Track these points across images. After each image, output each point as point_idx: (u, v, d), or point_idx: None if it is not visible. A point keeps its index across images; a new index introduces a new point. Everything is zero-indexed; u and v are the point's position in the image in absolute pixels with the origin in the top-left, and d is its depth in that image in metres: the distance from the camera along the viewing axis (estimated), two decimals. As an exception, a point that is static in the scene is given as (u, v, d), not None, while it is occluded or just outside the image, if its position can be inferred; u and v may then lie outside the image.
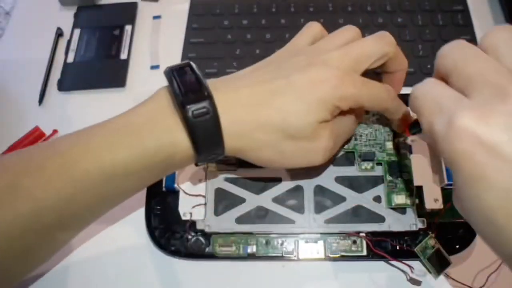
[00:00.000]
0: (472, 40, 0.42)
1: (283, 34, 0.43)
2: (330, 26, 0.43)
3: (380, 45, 0.28)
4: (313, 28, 0.30)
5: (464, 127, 0.18)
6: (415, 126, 0.30)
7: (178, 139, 0.25)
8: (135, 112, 0.26)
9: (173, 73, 0.26)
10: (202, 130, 0.24)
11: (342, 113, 0.28)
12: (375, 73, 0.30)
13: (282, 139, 0.26)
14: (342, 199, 0.32)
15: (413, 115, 0.30)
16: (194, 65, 0.26)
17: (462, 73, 0.20)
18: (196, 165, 0.27)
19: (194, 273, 0.33)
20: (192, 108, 0.24)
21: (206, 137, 0.24)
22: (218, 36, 0.44)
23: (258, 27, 0.44)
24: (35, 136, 0.39)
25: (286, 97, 0.26)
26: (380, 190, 0.32)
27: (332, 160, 0.33)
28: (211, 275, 0.32)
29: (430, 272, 0.30)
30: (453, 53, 0.21)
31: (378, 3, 0.44)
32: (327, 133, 0.27)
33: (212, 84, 0.26)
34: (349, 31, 0.29)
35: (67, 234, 0.28)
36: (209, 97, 0.24)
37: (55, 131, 0.40)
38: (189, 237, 0.33)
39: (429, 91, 0.22)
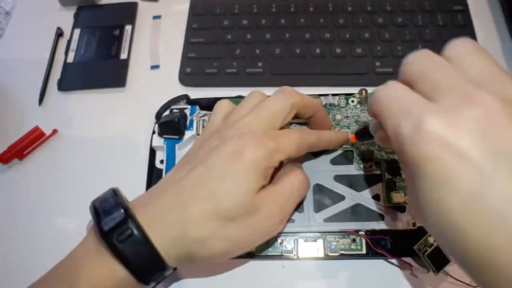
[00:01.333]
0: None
1: (283, 34, 0.43)
2: (330, 26, 0.44)
3: (285, 99, 0.28)
4: (221, 105, 0.31)
5: (432, 129, 0.18)
6: (363, 135, 0.30)
7: (113, 270, 0.24)
8: (69, 256, 0.26)
9: (95, 206, 0.25)
10: (132, 253, 0.23)
11: (281, 172, 0.29)
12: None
13: (223, 226, 0.25)
14: (341, 197, 0.32)
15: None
16: (116, 190, 0.25)
17: (429, 79, 0.20)
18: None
19: (193, 272, 0.32)
20: (115, 235, 0.23)
21: (139, 258, 0.23)
22: (218, 36, 0.44)
23: (258, 27, 0.44)
24: (35, 136, 0.39)
25: (210, 182, 0.25)
26: (379, 188, 0.32)
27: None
28: (210, 274, 0.32)
29: (429, 270, 0.30)
30: (420, 60, 0.21)
31: (378, 3, 0.44)
32: (269, 199, 0.26)
33: (136, 201, 0.25)
34: (253, 95, 0.30)
35: None
36: (130, 216, 0.23)
37: (55, 131, 0.40)
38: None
39: (394, 94, 0.21)
